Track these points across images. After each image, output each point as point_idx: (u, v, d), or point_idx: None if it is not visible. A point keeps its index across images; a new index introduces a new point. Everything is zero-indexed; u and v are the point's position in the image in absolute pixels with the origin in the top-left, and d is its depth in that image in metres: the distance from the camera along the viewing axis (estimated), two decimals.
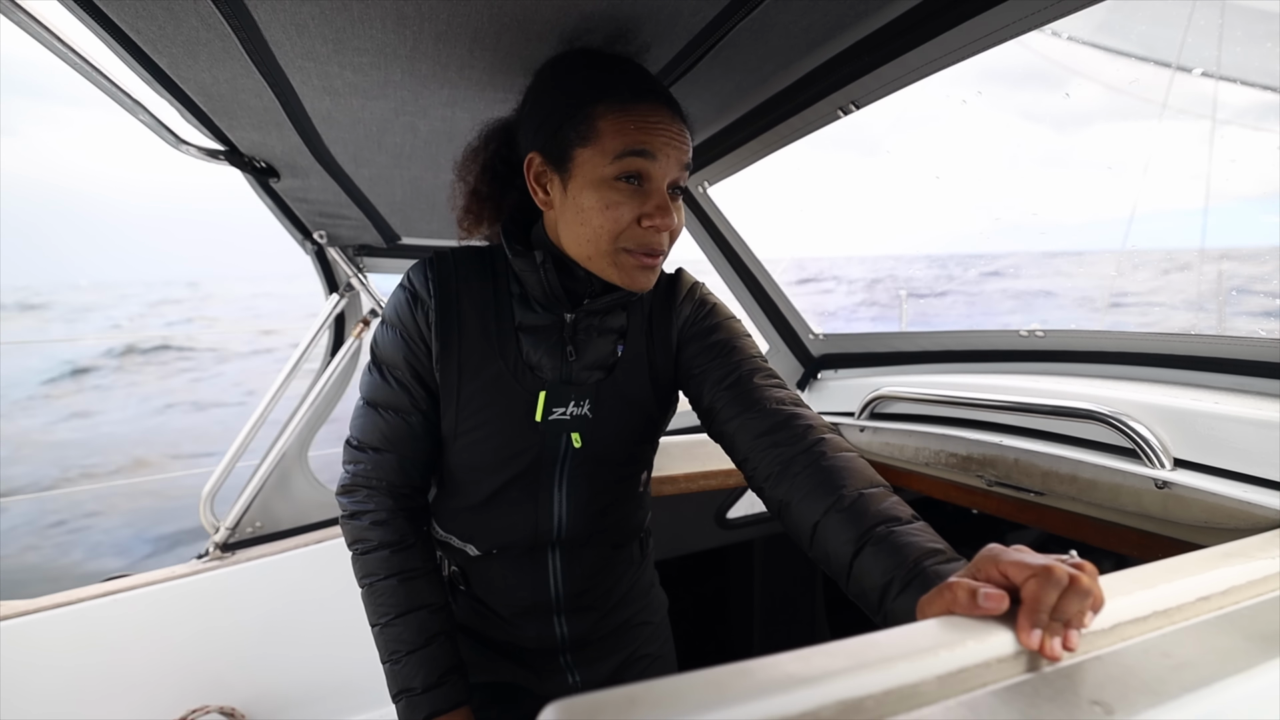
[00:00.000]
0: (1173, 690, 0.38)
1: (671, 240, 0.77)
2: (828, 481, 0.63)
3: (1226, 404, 0.86)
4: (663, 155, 0.72)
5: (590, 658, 0.92)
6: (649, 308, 0.86)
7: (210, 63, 0.83)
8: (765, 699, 0.34)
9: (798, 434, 0.69)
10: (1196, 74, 6.02)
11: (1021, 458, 1.05)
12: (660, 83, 0.77)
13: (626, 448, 0.85)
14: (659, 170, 0.72)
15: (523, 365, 0.79)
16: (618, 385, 0.82)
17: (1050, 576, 0.41)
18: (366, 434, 0.82)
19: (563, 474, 0.82)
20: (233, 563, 1.61)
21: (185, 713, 1.48)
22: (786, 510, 0.66)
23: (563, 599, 0.87)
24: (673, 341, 0.85)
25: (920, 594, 0.51)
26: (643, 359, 0.83)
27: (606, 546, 0.90)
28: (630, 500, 0.90)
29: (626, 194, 0.71)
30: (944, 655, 0.39)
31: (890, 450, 1.36)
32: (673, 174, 0.74)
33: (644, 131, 0.71)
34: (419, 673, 0.78)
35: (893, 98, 1.02)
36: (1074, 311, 22.53)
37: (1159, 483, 0.83)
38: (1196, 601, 0.49)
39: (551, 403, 0.79)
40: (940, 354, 1.48)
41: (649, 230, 0.72)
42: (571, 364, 0.81)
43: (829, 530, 0.61)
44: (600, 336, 0.82)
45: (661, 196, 0.72)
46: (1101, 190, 42.87)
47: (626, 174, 0.71)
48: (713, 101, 1.10)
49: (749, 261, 1.64)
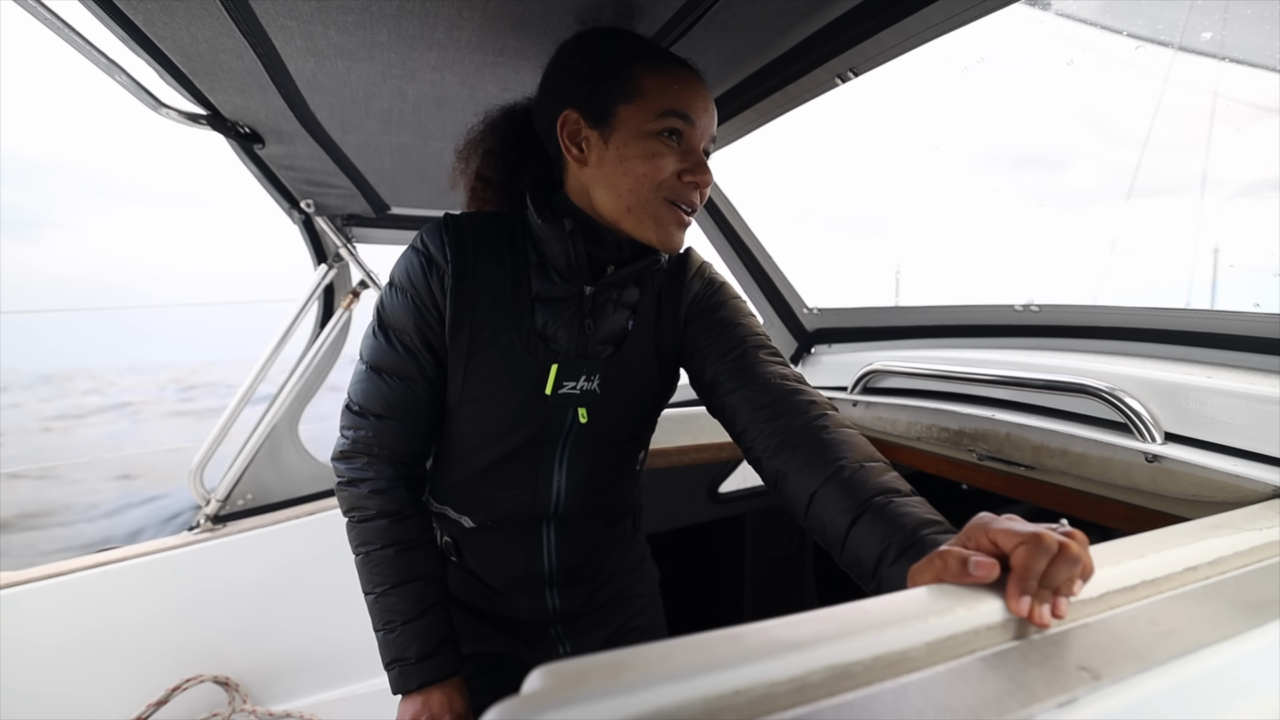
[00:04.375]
0: (1159, 656, 0.38)
1: (702, 200, 0.79)
2: (827, 453, 0.63)
3: (1218, 378, 0.86)
4: (700, 120, 0.75)
5: (581, 629, 0.93)
6: (660, 284, 0.86)
7: (188, 20, 0.80)
8: (754, 664, 0.34)
9: (799, 408, 0.69)
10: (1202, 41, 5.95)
11: (1013, 432, 1.05)
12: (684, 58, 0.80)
13: (629, 425, 0.86)
14: (695, 133, 0.75)
15: (536, 336, 0.78)
16: (625, 361, 0.82)
17: (1040, 544, 0.41)
18: (369, 399, 0.80)
19: (565, 449, 0.82)
20: (224, 534, 1.61)
21: (179, 682, 1.49)
22: (784, 480, 0.66)
23: (556, 573, 0.87)
24: (680, 318, 0.85)
25: (915, 563, 0.51)
26: (650, 335, 0.84)
27: (601, 522, 0.90)
28: (627, 477, 0.91)
29: (669, 147, 0.74)
30: (933, 622, 0.39)
31: (883, 425, 1.36)
32: (706, 139, 0.77)
33: (685, 93, 0.74)
34: (413, 643, 0.79)
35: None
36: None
37: (1149, 456, 0.84)
38: (1184, 571, 0.50)
39: (563, 376, 0.79)
40: (934, 329, 1.47)
41: (689, 185, 0.75)
42: (589, 337, 0.81)
43: (826, 500, 0.61)
44: (616, 311, 0.83)
45: (699, 155, 0.76)
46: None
47: (668, 129, 0.74)
48: (708, 68, 1.07)
49: (744, 235, 1.62)
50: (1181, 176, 44.10)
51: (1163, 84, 7.83)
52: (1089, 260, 54.99)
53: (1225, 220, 27.23)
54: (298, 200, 1.64)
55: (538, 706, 0.31)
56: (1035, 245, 50.32)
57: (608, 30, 0.80)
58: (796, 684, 0.34)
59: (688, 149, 0.75)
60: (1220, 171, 27.96)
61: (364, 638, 0.87)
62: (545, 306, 0.79)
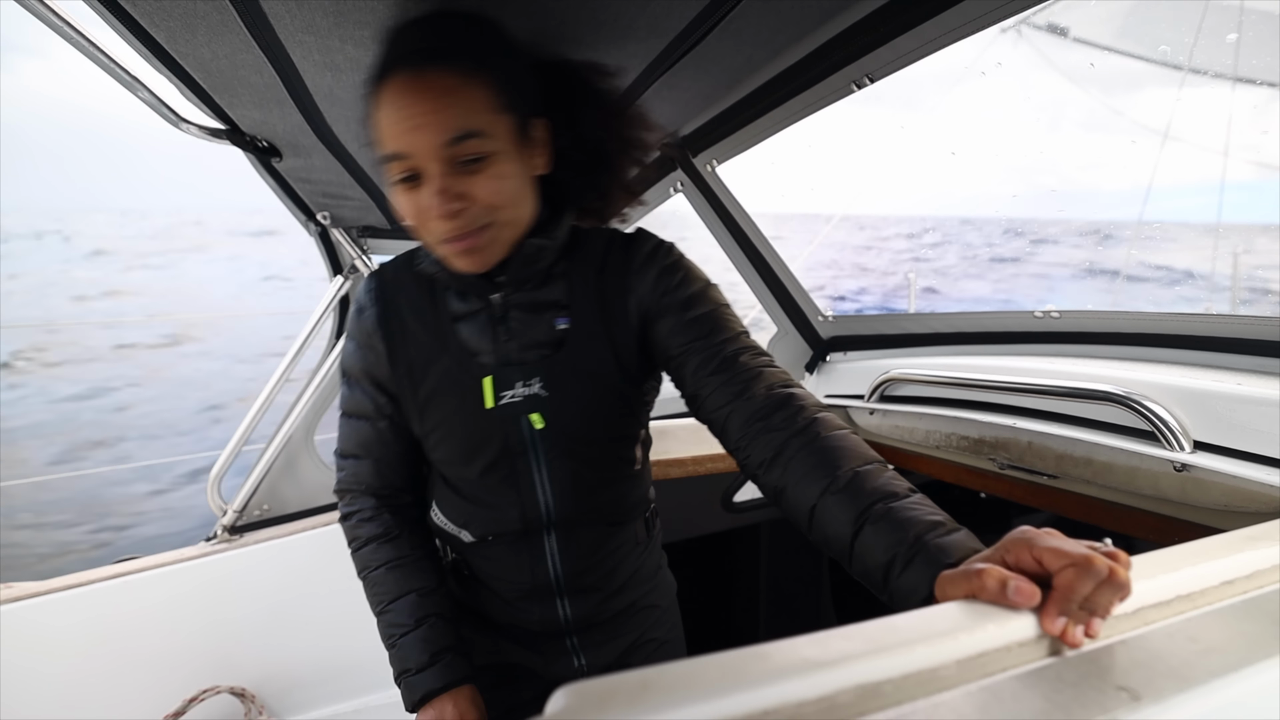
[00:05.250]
0: (1200, 675, 0.37)
1: (492, 209, 0.69)
2: (822, 463, 0.61)
3: (1248, 385, 0.84)
4: (415, 144, 0.65)
5: (596, 640, 0.91)
6: (599, 274, 0.80)
7: (209, 37, 0.81)
8: (781, 683, 0.33)
9: (790, 415, 0.66)
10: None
11: (1035, 440, 1.04)
12: (414, 40, 0.68)
13: (598, 424, 0.82)
14: (419, 162, 0.66)
15: (466, 354, 0.79)
16: (571, 360, 0.78)
17: (1090, 568, 0.39)
18: (344, 442, 0.88)
19: (538, 456, 0.80)
20: (241, 545, 1.62)
21: (196, 693, 1.49)
22: (783, 496, 0.64)
23: (563, 580, 0.86)
24: (632, 312, 0.79)
25: (925, 569, 0.50)
26: (597, 330, 0.79)
27: (603, 525, 0.87)
28: (623, 478, 0.87)
29: (408, 194, 0.68)
30: (963, 639, 0.38)
31: (900, 433, 1.35)
32: (437, 153, 0.65)
33: (392, 126, 0.66)
34: (413, 654, 0.81)
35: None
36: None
37: (1178, 465, 0.82)
38: (1221, 585, 0.48)
39: (499, 386, 0.78)
40: (951, 335, 1.46)
41: (438, 223, 0.68)
42: (507, 345, 0.79)
43: (827, 512, 0.59)
44: (534, 313, 0.79)
45: (435, 184, 0.66)
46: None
47: (401, 175, 0.68)
48: (722, 76, 1.07)
49: (758, 242, 1.61)
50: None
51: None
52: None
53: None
54: (314, 212, 1.65)
55: None
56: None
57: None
58: (825, 704, 0.33)
59: (423, 184, 0.67)
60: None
61: (379, 649, 0.87)
62: (465, 324, 0.79)
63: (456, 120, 0.65)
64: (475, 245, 0.70)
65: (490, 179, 0.68)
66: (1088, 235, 21.29)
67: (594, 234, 0.83)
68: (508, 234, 0.72)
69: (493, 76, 0.67)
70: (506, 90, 0.68)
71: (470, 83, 0.66)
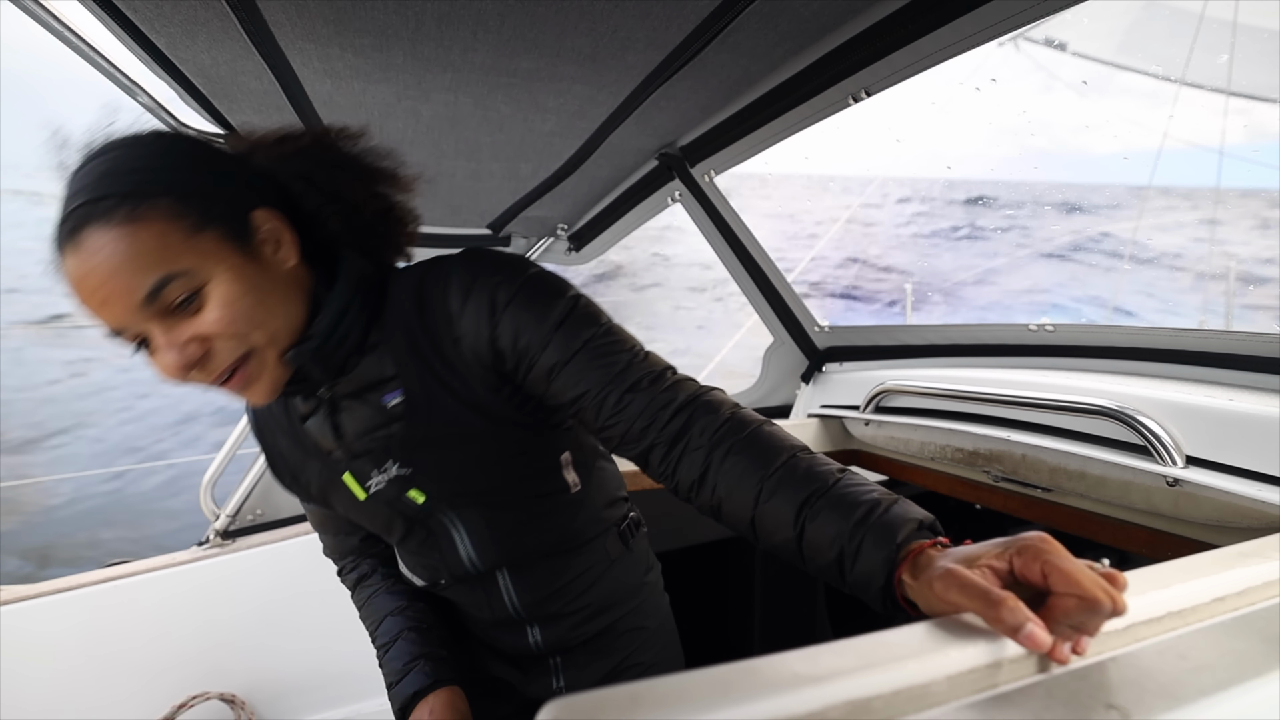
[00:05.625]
0: (1190, 694, 0.37)
1: (238, 337, 0.60)
2: (748, 470, 0.58)
3: (1241, 401, 0.85)
4: (113, 318, 0.57)
5: (580, 662, 0.88)
6: (417, 333, 0.69)
7: (209, 43, 0.82)
8: (771, 698, 0.33)
9: (704, 427, 0.61)
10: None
11: (1029, 453, 1.04)
12: (65, 205, 0.57)
13: (489, 475, 0.74)
14: (131, 331, 0.58)
15: (321, 453, 0.76)
16: (418, 434, 0.71)
17: (1095, 609, 0.39)
18: (308, 518, 0.95)
19: (446, 517, 0.77)
20: (233, 550, 1.61)
21: (185, 699, 1.48)
22: (721, 513, 0.60)
23: (523, 611, 0.83)
24: (471, 363, 0.68)
25: (874, 551, 0.49)
26: (436, 394, 0.69)
27: (552, 555, 0.82)
28: (556, 508, 0.80)
29: (149, 357, 0.60)
30: (954, 655, 0.38)
31: (895, 444, 1.35)
32: (139, 313, 0.56)
33: (84, 307, 0.57)
34: (392, 668, 0.83)
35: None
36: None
37: (1170, 480, 0.82)
38: (1212, 602, 0.48)
39: (360, 479, 0.74)
40: (947, 347, 1.46)
41: (195, 375, 0.60)
42: (348, 437, 0.74)
43: (765, 521, 0.57)
44: (359, 400, 0.72)
45: (159, 342, 0.58)
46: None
47: (133, 346, 0.60)
48: (720, 88, 1.08)
49: (755, 253, 1.62)
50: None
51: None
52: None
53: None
54: None
55: None
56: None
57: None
58: (815, 719, 0.33)
59: (155, 347, 0.59)
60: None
61: (370, 656, 0.87)
62: (311, 422, 0.76)
63: (139, 276, 0.55)
64: (245, 379, 0.62)
65: (216, 310, 0.58)
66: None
67: (402, 281, 0.71)
68: (273, 353, 0.63)
69: (166, 202, 0.56)
70: (193, 207, 0.58)
71: (137, 225, 0.55)
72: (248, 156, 0.66)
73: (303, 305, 0.66)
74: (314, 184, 0.67)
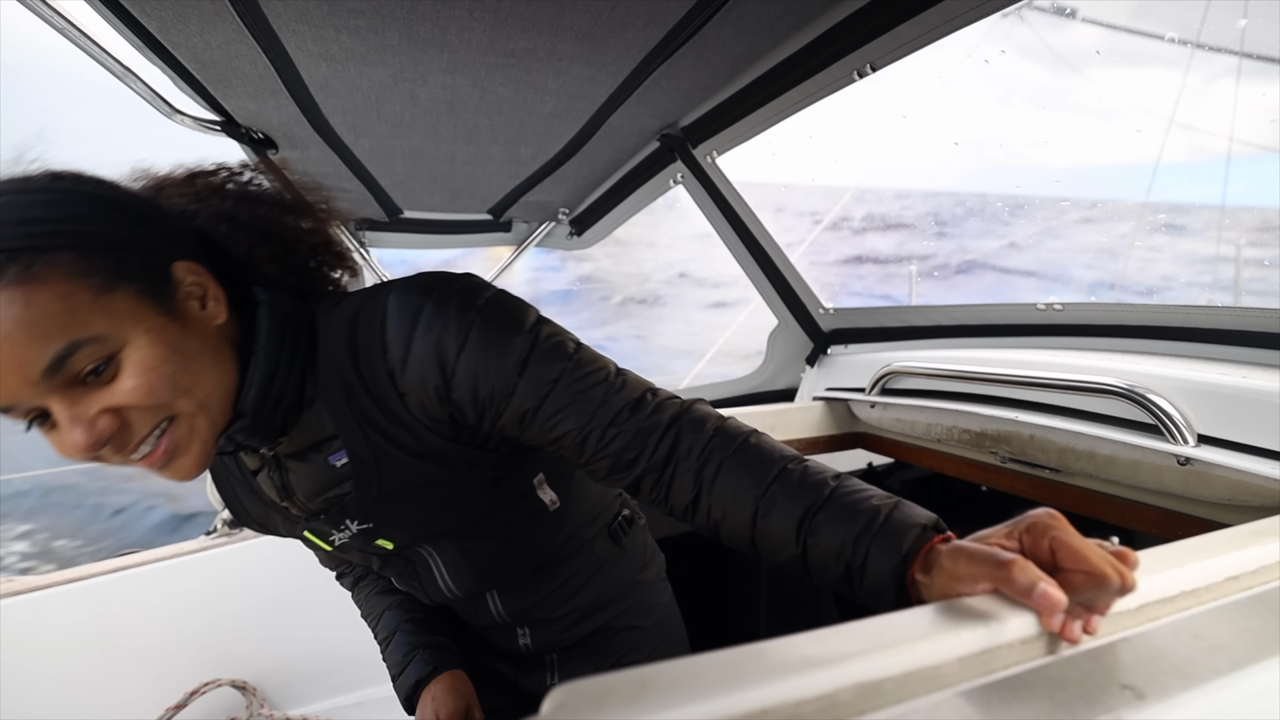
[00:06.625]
0: (1205, 673, 0.36)
1: (161, 405, 0.52)
2: (740, 487, 0.55)
3: (1253, 378, 0.84)
4: (8, 394, 0.48)
5: (574, 661, 0.88)
6: (355, 389, 0.61)
7: (201, 26, 0.81)
8: (780, 681, 0.33)
9: (690, 446, 0.57)
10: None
11: (1037, 434, 1.03)
12: None
13: (452, 518, 0.70)
14: (27, 405, 0.49)
15: (277, 507, 0.71)
16: (371, 491, 0.65)
17: (1104, 584, 0.38)
18: None
19: (424, 551, 0.75)
20: (240, 540, 1.62)
21: (197, 686, 1.50)
22: (720, 533, 0.58)
23: (511, 619, 0.84)
24: (420, 418, 0.61)
25: (882, 562, 0.47)
26: (384, 450, 0.63)
27: (535, 570, 0.81)
28: (537, 528, 0.77)
29: (48, 433, 0.52)
30: (965, 636, 0.37)
31: (901, 426, 1.34)
32: (37, 388, 0.48)
33: None
34: (394, 660, 0.85)
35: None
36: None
37: (1181, 459, 0.81)
38: (1225, 581, 0.47)
39: (320, 535, 0.71)
40: (953, 328, 1.45)
41: (107, 454, 0.52)
42: (295, 499, 0.69)
43: (766, 542, 0.55)
44: (304, 460, 0.66)
45: (63, 417, 0.50)
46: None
47: (27, 424, 0.52)
48: (721, 66, 1.06)
49: (759, 234, 1.60)
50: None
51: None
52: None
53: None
54: None
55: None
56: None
57: None
58: (825, 702, 0.33)
59: (57, 423, 0.50)
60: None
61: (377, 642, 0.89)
62: (261, 478, 0.70)
63: (37, 346, 0.46)
64: (170, 451, 0.54)
65: (134, 378, 0.50)
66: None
67: (333, 323, 0.62)
68: (205, 420, 0.55)
69: (68, 257, 0.48)
70: (101, 262, 0.49)
71: (32, 287, 0.46)
72: (157, 198, 0.58)
73: (233, 362, 0.58)
74: (239, 224, 0.60)
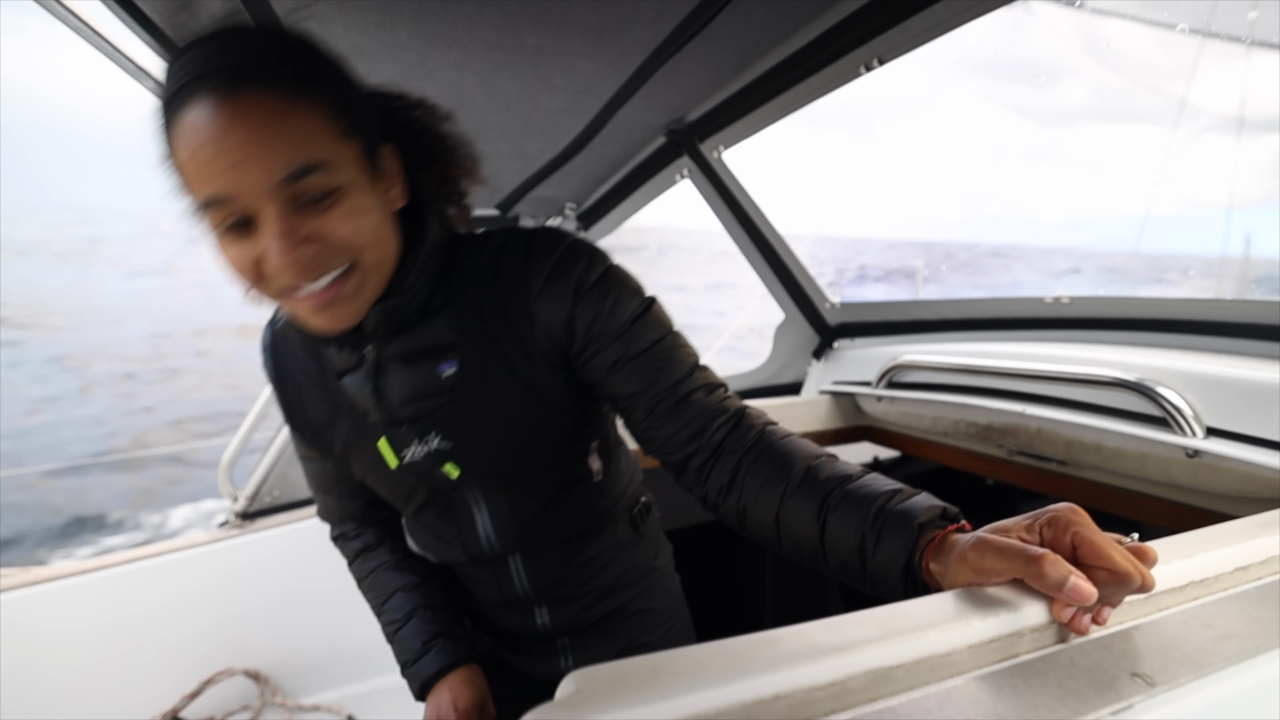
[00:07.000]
0: (1215, 662, 0.37)
1: (356, 249, 0.58)
2: (775, 471, 0.59)
3: (1262, 370, 0.83)
4: (238, 184, 0.52)
5: (587, 644, 0.88)
6: (490, 303, 0.67)
7: (210, 22, 0.81)
8: (792, 668, 0.33)
9: (740, 437, 0.63)
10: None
11: (1044, 427, 1.03)
12: (217, 56, 0.53)
13: (524, 458, 0.73)
14: (250, 204, 0.53)
15: (356, 413, 0.72)
16: (468, 408, 0.69)
17: (1125, 582, 0.38)
18: (308, 480, 0.89)
19: (471, 494, 0.75)
20: (252, 530, 1.64)
21: (211, 674, 1.52)
22: (746, 517, 0.61)
23: (533, 594, 0.83)
24: (542, 340, 0.67)
25: (896, 536, 0.49)
26: (495, 370, 0.68)
27: (567, 541, 0.82)
28: (579, 494, 0.80)
29: (237, 243, 0.55)
30: (975, 624, 0.38)
31: (908, 420, 1.34)
32: (270, 193, 0.52)
33: (201, 167, 0.52)
34: (408, 645, 0.83)
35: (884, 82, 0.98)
36: None
37: (1190, 451, 0.81)
38: (1235, 571, 0.48)
39: (396, 446, 0.72)
40: (960, 322, 1.45)
41: (276, 273, 0.55)
42: (391, 402, 0.70)
43: (789, 516, 0.57)
44: (410, 365, 0.69)
45: (275, 227, 0.53)
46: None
47: (221, 223, 0.54)
48: (729, 61, 1.06)
49: (765, 229, 1.60)
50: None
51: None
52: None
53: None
54: None
55: (572, 712, 0.30)
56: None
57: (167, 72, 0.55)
58: (837, 688, 0.33)
59: (256, 228, 0.54)
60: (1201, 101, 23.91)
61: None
62: (348, 379, 0.71)
63: (290, 152, 0.52)
64: (336, 297, 0.58)
65: (345, 216, 0.56)
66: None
67: (480, 247, 0.69)
68: (374, 281, 0.61)
69: (325, 98, 0.55)
70: (344, 113, 0.56)
71: (299, 106, 0.53)
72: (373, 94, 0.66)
73: (397, 248, 0.64)
74: (419, 144, 0.67)
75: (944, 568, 0.46)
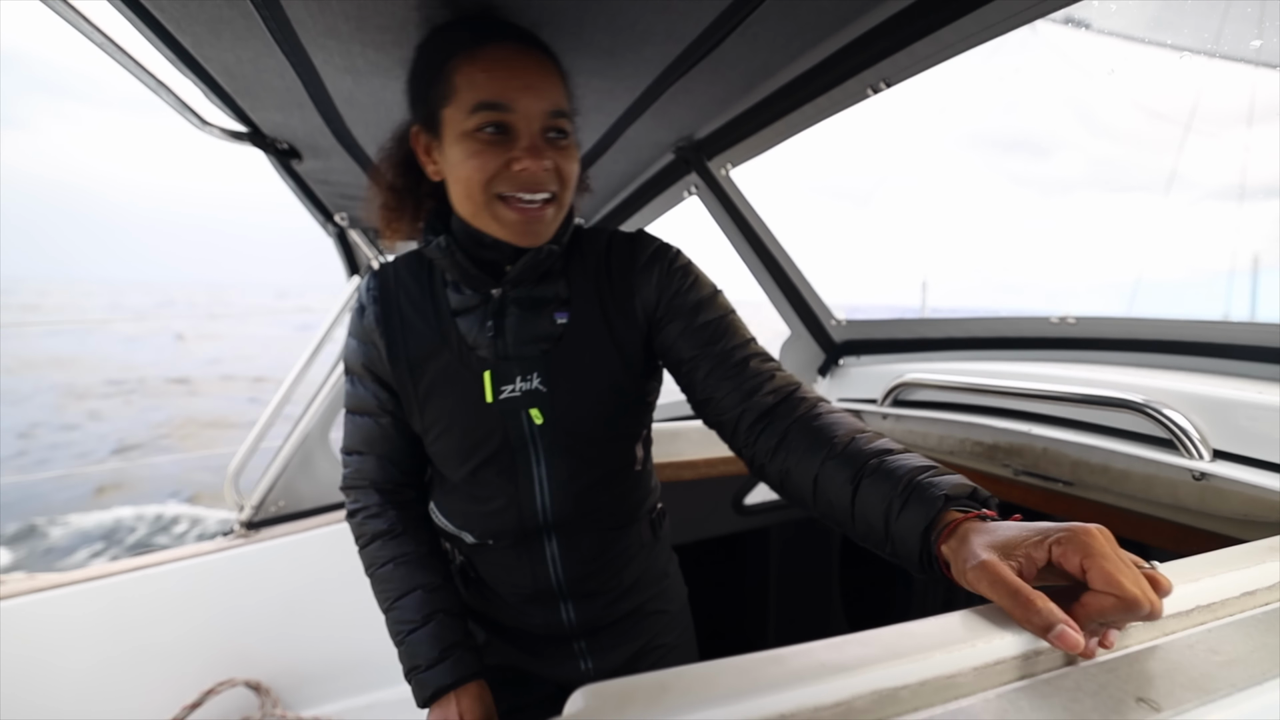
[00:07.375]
0: (1222, 688, 0.37)
1: (564, 186, 0.75)
2: (821, 437, 0.64)
3: (1270, 393, 0.83)
4: (522, 100, 0.70)
5: (604, 645, 0.90)
6: (601, 272, 0.82)
7: (233, 41, 0.83)
8: (798, 688, 0.33)
9: (793, 406, 0.69)
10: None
11: (1050, 447, 1.03)
12: (515, 24, 0.75)
13: (598, 420, 0.81)
14: (519, 119, 0.71)
15: (466, 348, 0.80)
16: (571, 355, 0.79)
17: (1133, 610, 0.39)
18: (350, 438, 0.89)
19: (537, 453, 0.80)
20: (257, 540, 1.64)
21: (213, 685, 1.52)
22: (788, 478, 0.66)
23: (565, 584, 0.85)
24: (638, 310, 0.80)
25: (920, 506, 0.52)
26: (599, 327, 0.80)
27: (604, 528, 0.86)
28: (623, 478, 0.87)
29: (488, 142, 0.71)
30: (981, 646, 0.38)
31: (913, 438, 1.34)
32: (539, 117, 0.71)
33: (494, 80, 0.69)
34: (422, 650, 0.80)
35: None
36: None
37: (1196, 474, 0.81)
38: (1242, 596, 0.48)
39: (499, 380, 0.78)
40: (966, 341, 1.45)
41: (520, 173, 0.71)
42: (506, 339, 0.79)
43: (826, 479, 0.62)
44: (531, 310, 0.80)
45: (530, 139, 0.71)
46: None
47: (487, 124, 0.70)
48: (738, 81, 1.07)
49: (771, 246, 1.61)
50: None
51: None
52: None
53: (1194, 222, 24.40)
54: (332, 213, 1.67)
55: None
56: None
57: (436, 29, 0.76)
58: (842, 709, 0.33)
59: (515, 137, 0.71)
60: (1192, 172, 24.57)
61: (392, 645, 0.87)
62: (464, 319, 0.80)
63: (558, 95, 0.72)
64: (542, 216, 0.74)
65: (569, 159, 0.74)
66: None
67: (594, 232, 0.85)
68: (558, 219, 0.76)
69: (565, 79, 0.75)
70: (568, 91, 0.75)
71: (559, 74, 0.74)
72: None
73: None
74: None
75: (954, 558, 0.47)
